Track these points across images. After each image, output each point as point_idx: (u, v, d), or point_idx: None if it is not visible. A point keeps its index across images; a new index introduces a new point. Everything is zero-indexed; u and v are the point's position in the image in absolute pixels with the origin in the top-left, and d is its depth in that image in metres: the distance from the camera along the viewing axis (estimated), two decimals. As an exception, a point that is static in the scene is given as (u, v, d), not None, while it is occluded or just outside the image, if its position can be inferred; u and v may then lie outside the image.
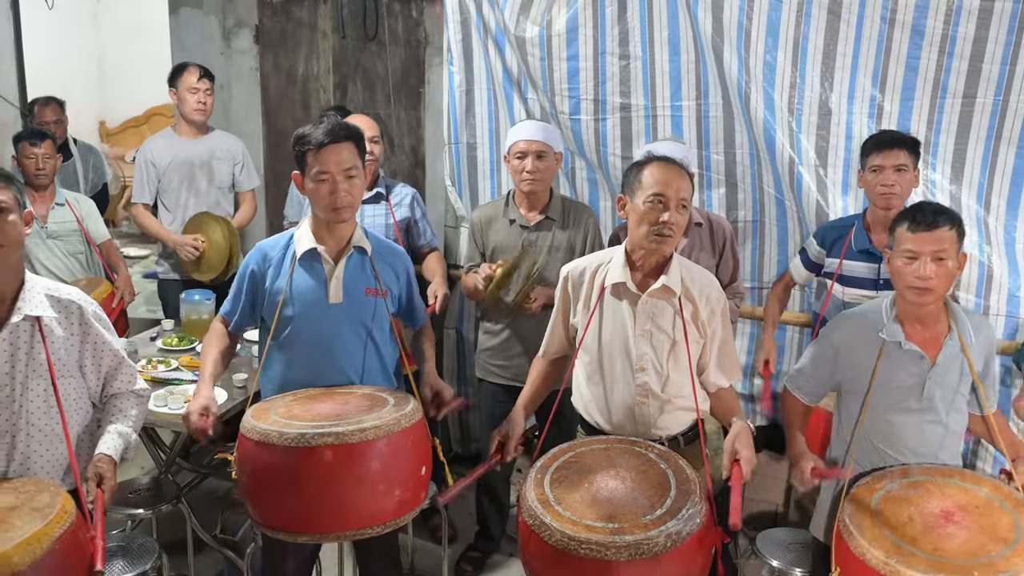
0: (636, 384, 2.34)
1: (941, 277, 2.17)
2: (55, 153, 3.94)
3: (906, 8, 3.15)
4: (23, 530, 1.74)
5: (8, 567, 1.65)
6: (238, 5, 4.58)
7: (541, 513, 1.92)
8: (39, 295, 2.11)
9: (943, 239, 2.16)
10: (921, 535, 1.92)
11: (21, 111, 5.17)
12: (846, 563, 1.99)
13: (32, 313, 2.07)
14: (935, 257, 2.16)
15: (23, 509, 1.83)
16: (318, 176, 2.35)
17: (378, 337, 2.53)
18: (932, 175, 3.26)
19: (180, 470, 3.55)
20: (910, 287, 2.19)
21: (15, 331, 2.07)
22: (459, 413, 4.20)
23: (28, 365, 2.09)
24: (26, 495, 1.89)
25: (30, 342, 2.09)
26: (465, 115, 3.92)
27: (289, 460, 2.05)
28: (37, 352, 2.09)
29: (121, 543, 2.77)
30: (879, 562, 1.87)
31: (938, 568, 1.81)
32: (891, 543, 1.90)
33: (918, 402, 2.27)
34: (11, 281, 2.09)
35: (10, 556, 1.66)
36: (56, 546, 1.76)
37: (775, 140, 3.36)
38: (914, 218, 2.19)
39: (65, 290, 2.19)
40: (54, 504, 1.85)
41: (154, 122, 8.72)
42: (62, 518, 1.81)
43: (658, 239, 2.25)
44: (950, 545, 1.88)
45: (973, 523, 1.95)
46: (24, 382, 2.08)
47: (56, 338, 2.12)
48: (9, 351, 2.07)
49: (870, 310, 2.36)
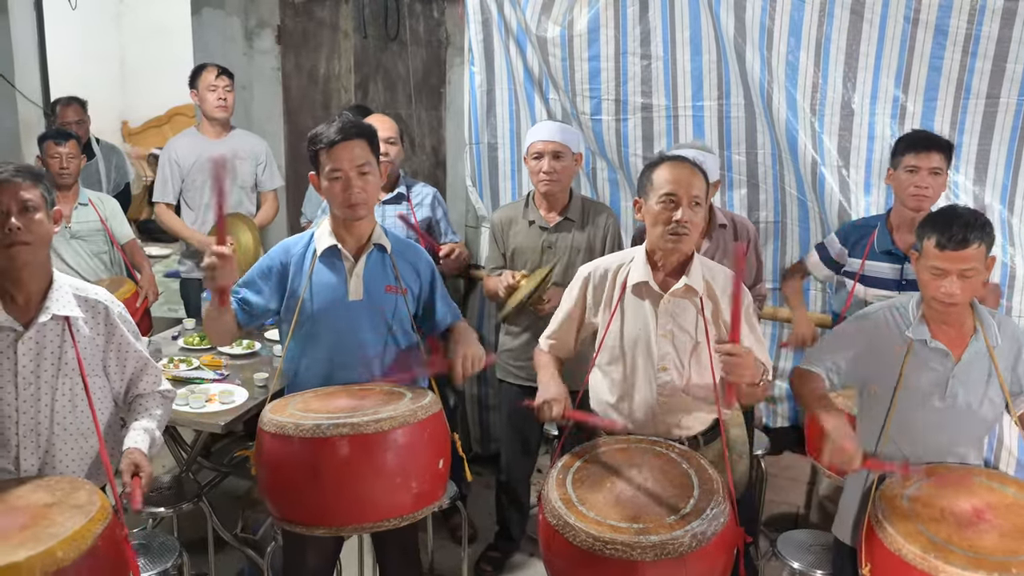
0: (658, 384, 2.33)
1: (967, 291, 2.16)
2: (79, 153, 3.97)
3: (930, 8, 3.13)
4: (66, 526, 1.74)
5: (53, 562, 1.65)
6: (260, 6, 4.60)
7: (565, 513, 1.92)
8: (67, 295, 2.12)
9: (971, 257, 2.12)
10: (955, 532, 1.90)
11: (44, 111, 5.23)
12: (879, 559, 1.97)
13: (61, 313, 2.09)
14: (962, 275, 2.13)
15: (63, 506, 1.83)
16: (331, 174, 2.37)
17: (398, 334, 2.53)
18: (955, 176, 3.23)
19: (201, 469, 3.57)
20: (935, 299, 2.18)
21: (42, 330, 2.08)
22: (479, 413, 4.21)
23: (55, 364, 2.10)
24: (62, 492, 1.89)
25: (57, 341, 2.10)
26: (486, 115, 3.93)
27: (305, 451, 2.05)
28: (65, 351, 2.10)
29: (142, 541, 2.79)
30: (916, 557, 1.85)
31: (977, 564, 1.79)
32: (927, 539, 1.88)
33: (942, 401, 2.25)
34: (39, 280, 2.10)
35: (55, 551, 1.66)
36: (98, 543, 1.76)
37: (797, 140, 3.35)
38: (943, 233, 2.13)
39: (92, 290, 2.21)
40: (93, 501, 1.85)
41: (176, 122, 8.78)
42: (103, 515, 1.82)
43: (674, 238, 2.25)
44: (985, 542, 1.86)
45: (1005, 521, 1.93)
46: (51, 381, 2.10)
47: (83, 337, 2.13)
48: (35, 350, 2.08)
49: (899, 306, 2.34)
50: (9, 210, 2.01)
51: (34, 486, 1.93)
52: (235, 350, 3.53)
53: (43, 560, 1.64)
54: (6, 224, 2.00)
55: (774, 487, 3.70)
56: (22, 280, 2.07)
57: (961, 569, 1.78)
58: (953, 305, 2.17)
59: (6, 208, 2.01)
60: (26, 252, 2.03)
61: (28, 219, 2.03)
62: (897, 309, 2.34)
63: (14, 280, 2.07)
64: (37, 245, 2.06)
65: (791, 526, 3.52)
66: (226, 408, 2.98)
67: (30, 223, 2.03)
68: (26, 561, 1.61)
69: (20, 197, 2.02)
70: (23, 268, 2.05)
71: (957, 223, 2.13)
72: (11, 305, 2.08)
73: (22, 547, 1.65)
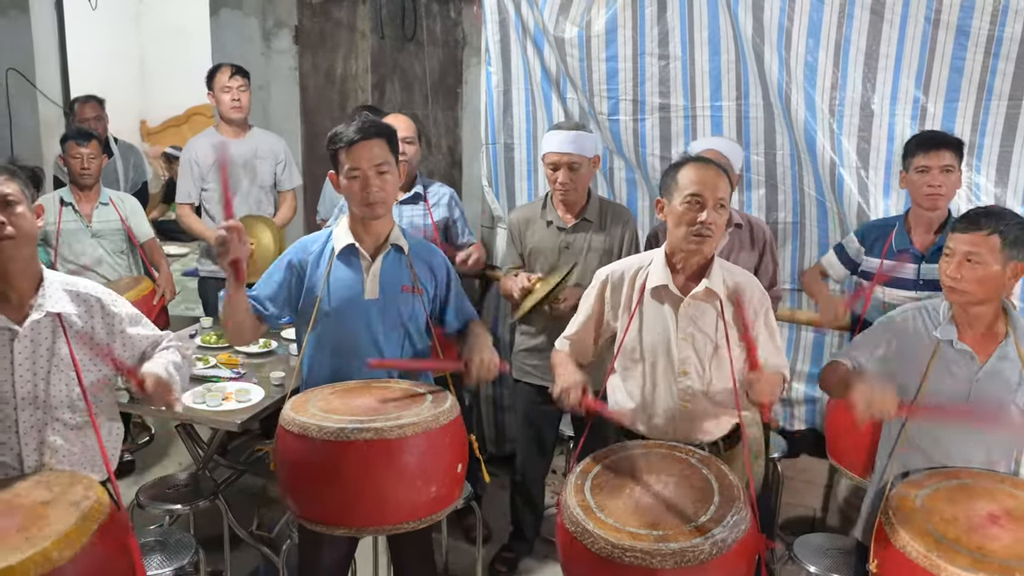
0: (678, 388, 2.32)
1: (970, 281, 2.15)
2: (101, 153, 4.01)
3: (951, 8, 3.10)
4: (60, 525, 1.72)
5: (48, 563, 1.63)
6: (278, 6, 4.62)
7: (583, 520, 1.90)
8: (58, 291, 2.13)
9: (978, 243, 2.14)
10: (965, 534, 1.89)
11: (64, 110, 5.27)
12: (885, 557, 1.96)
13: (53, 309, 2.08)
14: (967, 258, 2.14)
15: (58, 503, 1.81)
16: (350, 173, 2.38)
17: (414, 334, 2.54)
18: (976, 178, 3.20)
19: (217, 467, 3.59)
20: (944, 284, 2.21)
21: (36, 327, 2.08)
22: (494, 414, 4.21)
23: (50, 361, 2.10)
24: (59, 488, 1.87)
25: (51, 338, 2.10)
26: (503, 115, 3.92)
27: (328, 454, 2.06)
28: (59, 347, 2.10)
29: (159, 538, 2.81)
30: (919, 555, 1.84)
31: (981, 566, 1.77)
32: (933, 539, 1.87)
33: (966, 405, 2.23)
34: (30, 278, 2.10)
35: (49, 552, 1.64)
36: (94, 539, 1.74)
37: (816, 141, 3.33)
38: (964, 216, 2.21)
39: (82, 284, 2.20)
40: (89, 496, 1.83)
41: (194, 122, 8.85)
42: (98, 510, 1.80)
43: (697, 240, 2.23)
44: (994, 545, 1.85)
45: (1020, 527, 1.91)
46: (47, 378, 2.09)
47: (75, 332, 2.13)
48: (31, 347, 2.08)
49: (929, 308, 2.33)
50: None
51: (33, 482, 1.92)
52: (251, 349, 3.55)
53: (38, 562, 1.61)
54: None
55: (791, 490, 3.68)
56: (11, 277, 2.07)
57: (963, 569, 1.77)
58: (953, 292, 2.18)
59: None
60: (10, 247, 2.02)
61: (9, 213, 2.02)
62: (927, 310, 2.32)
63: (3, 278, 2.06)
64: (21, 239, 2.04)
65: (808, 529, 3.49)
66: (242, 406, 3.00)
67: (12, 217, 2.02)
68: (19, 565, 1.59)
69: (0, 192, 2.01)
70: (8, 263, 2.04)
71: (977, 209, 2.21)
72: (4, 305, 2.08)
73: (17, 550, 1.63)
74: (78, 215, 3.93)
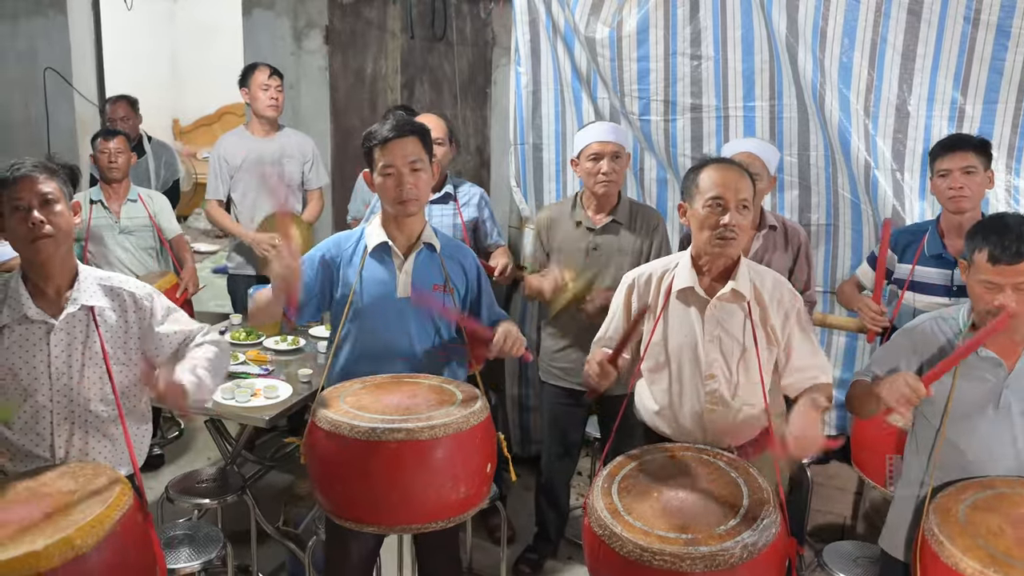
0: (706, 392, 2.29)
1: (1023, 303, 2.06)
2: (128, 149, 4.06)
3: (991, 8, 3.04)
4: (84, 513, 1.76)
5: (71, 550, 1.67)
6: (309, 6, 4.65)
7: (611, 523, 1.88)
8: (92, 285, 2.16)
9: None
10: (1015, 546, 1.83)
11: (100, 109, 5.34)
12: (935, 574, 1.91)
13: (87, 303, 2.12)
14: (1017, 288, 2.04)
15: (84, 493, 1.86)
16: (384, 170, 2.40)
17: (445, 332, 2.55)
18: (1016, 181, 3.15)
19: (245, 462, 3.62)
20: (989, 312, 2.08)
21: (71, 320, 2.11)
22: (519, 415, 4.20)
23: (84, 354, 2.13)
24: (84, 479, 1.92)
25: (85, 331, 2.13)
26: (532, 116, 3.91)
27: (359, 452, 2.07)
28: (92, 341, 2.13)
29: (187, 531, 2.84)
30: (975, 572, 1.78)
31: None
32: (985, 553, 1.82)
33: (995, 411, 2.18)
34: (66, 272, 2.14)
35: (72, 539, 1.68)
36: (117, 528, 1.78)
37: (850, 143, 3.28)
38: (996, 246, 2.04)
39: (117, 279, 2.23)
40: (112, 488, 1.87)
41: (225, 120, 8.92)
42: (121, 501, 1.84)
43: (721, 243, 2.20)
44: None
45: None
46: (80, 370, 2.13)
47: (109, 327, 2.16)
48: (66, 340, 2.11)
49: (945, 317, 2.27)
50: (31, 204, 2.04)
51: (59, 473, 1.96)
52: (280, 346, 3.57)
53: (61, 548, 1.66)
54: (29, 219, 2.03)
55: (820, 496, 3.63)
56: (49, 273, 2.11)
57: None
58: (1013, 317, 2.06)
59: (28, 203, 2.04)
60: (50, 245, 2.06)
61: (49, 212, 2.06)
62: (944, 319, 2.25)
63: (41, 274, 2.11)
64: (60, 237, 2.08)
65: (837, 536, 3.45)
66: (271, 403, 3.02)
67: (51, 216, 2.06)
68: (44, 549, 1.64)
69: (40, 191, 2.05)
70: (48, 261, 2.09)
71: (1009, 235, 2.02)
72: (41, 299, 2.12)
73: (41, 535, 1.68)
74: (107, 212, 3.98)
